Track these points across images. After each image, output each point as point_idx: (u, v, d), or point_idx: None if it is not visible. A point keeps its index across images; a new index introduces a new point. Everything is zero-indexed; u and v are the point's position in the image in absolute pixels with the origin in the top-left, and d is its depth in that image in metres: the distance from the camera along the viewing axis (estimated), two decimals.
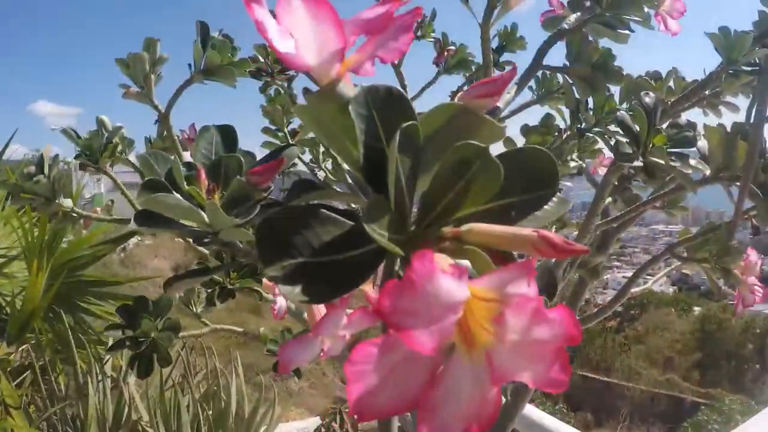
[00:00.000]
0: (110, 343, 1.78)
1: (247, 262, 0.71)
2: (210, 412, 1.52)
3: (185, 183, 0.60)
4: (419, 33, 1.80)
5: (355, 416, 0.29)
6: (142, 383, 1.69)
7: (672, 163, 0.90)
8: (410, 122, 0.39)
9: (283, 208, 0.40)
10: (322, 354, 0.68)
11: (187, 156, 1.02)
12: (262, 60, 1.51)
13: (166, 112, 1.04)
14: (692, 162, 0.95)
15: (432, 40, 1.81)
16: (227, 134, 0.66)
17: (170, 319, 1.06)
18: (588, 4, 1.22)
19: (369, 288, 0.67)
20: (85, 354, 1.72)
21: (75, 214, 1.02)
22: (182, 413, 1.47)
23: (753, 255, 1.24)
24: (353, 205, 0.49)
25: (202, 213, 0.58)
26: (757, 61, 1.08)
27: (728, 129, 1.07)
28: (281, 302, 1.09)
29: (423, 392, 0.29)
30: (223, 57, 1.01)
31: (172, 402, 1.51)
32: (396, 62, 1.56)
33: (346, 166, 0.48)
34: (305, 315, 1.38)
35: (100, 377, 1.58)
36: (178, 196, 0.56)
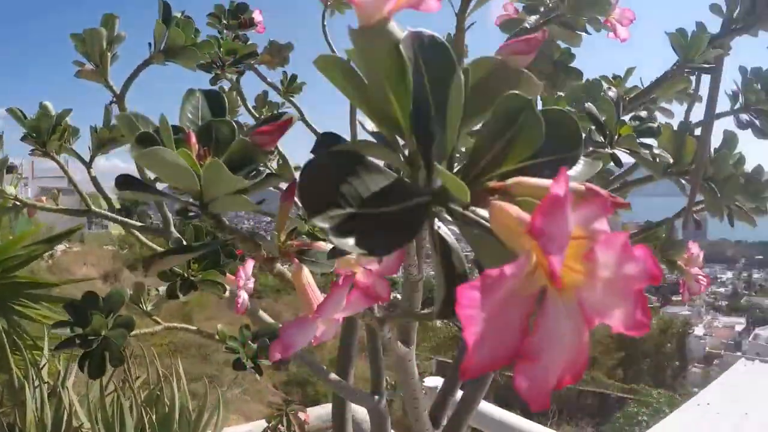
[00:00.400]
0: (46, 348, 1.66)
1: (232, 241, 0.67)
2: (154, 416, 1.43)
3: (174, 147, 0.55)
4: None
5: (464, 371, 0.27)
6: (82, 389, 1.57)
7: (640, 151, 0.93)
8: (463, 68, 0.37)
9: (326, 153, 0.37)
10: (314, 340, 0.64)
11: None
12: (213, 51, 1.44)
13: (122, 93, 0.97)
14: (656, 151, 0.99)
15: None
16: (214, 99, 0.61)
17: (122, 315, 0.98)
18: (542, 9, 1.25)
19: (359, 270, 0.64)
20: (21, 359, 1.59)
21: (18, 203, 0.93)
22: (126, 418, 1.37)
23: (694, 248, 1.30)
24: None
25: (196, 178, 0.53)
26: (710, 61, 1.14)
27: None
28: (244, 295, 1.03)
29: (522, 339, 0.28)
30: (186, 37, 0.95)
31: (114, 407, 1.41)
32: None
33: (371, 127, 0.45)
34: (260, 313, 1.32)
35: (37, 383, 1.46)
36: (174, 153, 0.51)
